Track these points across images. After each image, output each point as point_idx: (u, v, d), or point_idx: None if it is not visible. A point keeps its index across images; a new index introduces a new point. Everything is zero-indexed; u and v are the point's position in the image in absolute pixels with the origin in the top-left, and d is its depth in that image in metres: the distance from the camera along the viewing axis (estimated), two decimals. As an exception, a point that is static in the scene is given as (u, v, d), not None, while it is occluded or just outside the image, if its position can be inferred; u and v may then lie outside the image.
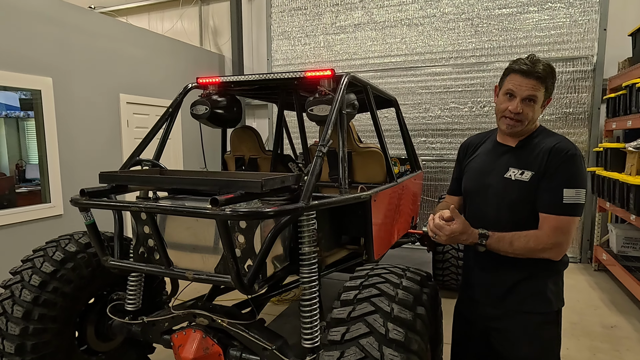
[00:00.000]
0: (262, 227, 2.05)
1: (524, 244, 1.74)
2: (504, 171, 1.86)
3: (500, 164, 1.89)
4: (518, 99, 1.76)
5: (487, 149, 2.01)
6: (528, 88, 1.74)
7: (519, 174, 1.81)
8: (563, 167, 1.72)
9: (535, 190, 1.78)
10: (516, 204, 1.83)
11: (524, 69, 1.74)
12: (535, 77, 1.73)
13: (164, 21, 8.47)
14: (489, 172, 1.92)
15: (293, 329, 3.43)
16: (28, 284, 2.32)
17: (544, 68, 1.74)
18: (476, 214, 1.97)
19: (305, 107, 2.61)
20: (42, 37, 4.65)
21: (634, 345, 3.58)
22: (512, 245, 1.75)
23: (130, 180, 2.32)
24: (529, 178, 1.78)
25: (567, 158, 1.73)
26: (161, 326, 2.46)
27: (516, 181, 1.81)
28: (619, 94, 4.99)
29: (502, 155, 1.91)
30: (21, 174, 5.10)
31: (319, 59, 7.33)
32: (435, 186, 6.76)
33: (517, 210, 1.83)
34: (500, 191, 1.86)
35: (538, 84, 1.74)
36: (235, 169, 3.79)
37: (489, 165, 1.94)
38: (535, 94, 1.75)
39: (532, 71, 1.73)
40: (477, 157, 2.04)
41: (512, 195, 1.82)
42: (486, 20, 6.31)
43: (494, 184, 1.88)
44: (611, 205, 4.85)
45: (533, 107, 1.78)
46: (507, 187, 1.83)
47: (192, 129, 6.44)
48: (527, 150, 1.84)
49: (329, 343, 1.60)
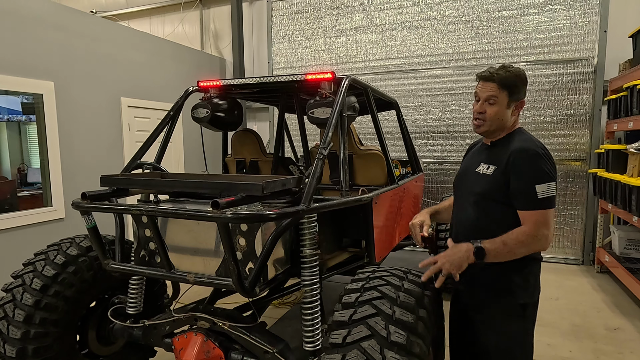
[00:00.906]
0: (263, 230, 2.05)
1: (515, 239, 1.84)
2: (477, 167, 2.06)
3: (476, 161, 2.10)
4: (481, 100, 1.99)
5: (477, 149, 2.21)
6: (487, 90, 1.97)
7: (485, 169, 2.00)
8: (528, 166, 1.87)
9: (495, 182, 1.94)
10: (480, 196, 2.00)
11: (484, 75, 2.00)
12: (493, 80, 1.95)
13: (165, 25, 8.50)
14: (468, 170, 2.12)
15: (294, 332, 3.43)
16: (29, 288, 2.32)
17: (504, 73, 1.95)
18: (456, 209, 2.18)
19: (306, 110, 2.61)
20: (44, 41, 4.67)
21: (637, 347, 3.56)
22: (505, 244, 1.85)
23: (132, 183, 2.33)
24: (492, 172, 1.96)
25: (530, 156, 1.88)
26: (162, 329, 2.45)
27: (482, 175, 2.00)
28: (620, 96, 4.99)
29: (480, 153, 2.12)
30: (23, 177, 5.11)
31: (320, 62, 7.34)
32: (437, 188, 6.75)
33: (484, 203, 1.99)
34: (471, 185, 2.05)
35: (496, 87, 1.95)
36: (236, 172, 3.79)
37: (469, 163, 2.15)
38: (495, 95, 1.95)
39: (490, 77, 1.97)
40: (468, 159, 2.23)
41: (478, 188, 2.01)
42: (486, 22, 6.32)
43: (469, 179, 2.09)
44: (613, 206, 4.84)
45: (495, 108, 1.96)
46: (476, 180, 2.03)
47: (193, 132, 6.45)
48: (498, 148, 2.02)
49: (331, 346, 1.60)
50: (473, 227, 2.00)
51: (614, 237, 5.33)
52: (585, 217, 6.03)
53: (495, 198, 1.95)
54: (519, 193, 1.88)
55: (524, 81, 2.00)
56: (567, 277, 5.47)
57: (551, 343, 3.63)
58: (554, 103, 6.04)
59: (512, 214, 1.93)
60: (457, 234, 2.10)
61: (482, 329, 2.02)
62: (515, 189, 1.88)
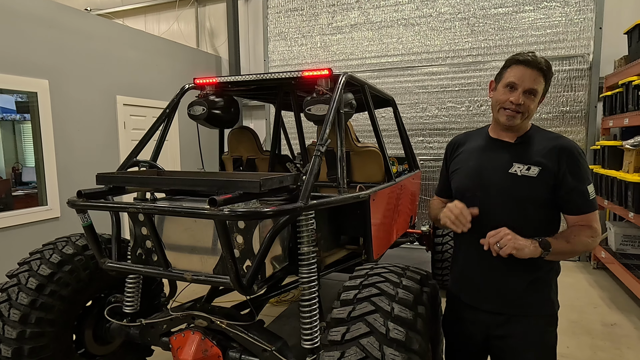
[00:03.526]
0: (261, 228, 2.04)
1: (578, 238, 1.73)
2: (508, 167, 1.81)
3: (501, 160, 1.84)
4: (520, 90, 1.74)
5: (479, 146, 1.95)
6: (530, 80, 1.73)
7: (525, 170, 1.77)
8: (580, 167, 1.74)
9: (542, 185, 1.75)
10: (524, 199, 1.78)
11: (528, 59, 1.72)
12: (538, 68, 1.72)
13: (161, 23, 8.45)
14: (489, 169, 1.86)
15: (293, 330, 3.42)
16: (25, 287, 2.30)
17: (545, 62, 1.74)
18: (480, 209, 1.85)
19: (303, 107, 2.60)
20: (38, 39, 4.63)
21: (634, 343, 3.58)
22: (568, 241, 1.72)
23: (128, 181, 2.31)
24: (537, 174, 1.75)
25: (579, 156, 1.76)
26: (160, 328, 2.44)
27: (523, 177, 1.77)
28: (615, 92, 5.00)
29: (500, 151, 1.86)
30: (18, 177, 5.07)
31: (316, 60, 7.33)
32: (433, 185, 6.75)
33: (524, 207, 1.79)
34: (506, 188, 1.80)
35: (540, 77, 1.73)
36: (233, 170, 3.77)
37: (487, 162, 1.88)
38: (537, 88, 1.74)
39: (535, 62, 1.72)
40: (471, 155, 1.96)
41: (521, 191, 1.78)
42: (482, 19, 6.32)
43: (498, 180, 1.82)
44: (609, 203, 4.85)
45: (534, 100, 1.76)
46: (514, 183, 1.79)
47: (190, 130, 6.40)
48: (530, 146, 1.82)
49: (329, 343, 1.59)
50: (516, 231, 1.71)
51: (610, 233, 5.35)
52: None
53: (542, 202, 1.78)
54: (577, 195, 1.75)
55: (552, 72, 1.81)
56: (564, 273, 5.44)
57: (548, 339, 3.64)
58: (549, 100, 6.06)
59: (551, 217, 1.82)
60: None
61: (512, 347, 1.84)
62: (572, 190, 1.74)
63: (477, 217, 1.80)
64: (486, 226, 1.75)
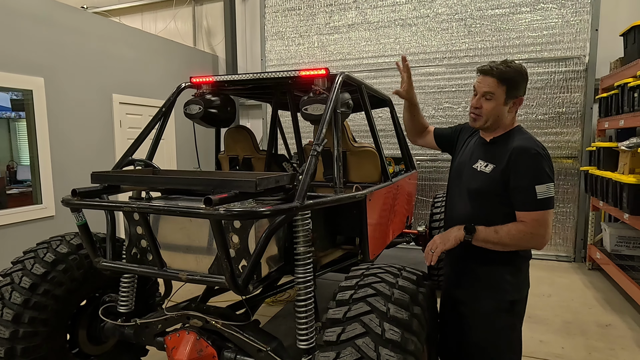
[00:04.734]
0: (257, 227, 2.03)
1: (508, 231, 1.88)
2: (474, 162, 2.05)
3: (473, 156, 2.08)
4: (478, 95, 1.97)
5: (473, 142, 2.18)
6: (485, 85, 1.94)
7: (483, 166, 2.00)
8: (529, 166, 1.87)
9: (493, 181, 1.94)
10: (476, 192, 2.01)
11: (483, 69, 1.96)
12: (492, 75, 1.92)
13: (157, 21, 8.42)
14: (465, 163, 2.11)
15: (288, 330, 3.41)
16: (18, 286, 2.28)
17: (504, 68, 1.91)
18: (451, 200, 2.20)
19: (300, 107, 2.59)
20: (34, 37, 4.61)
21: (629, 343, 3.60)
22: (497, 232, 1.89)
23: (123, 180, 2.30)
24: (490, 170, 1.96)
25: (531, 156, 1.87)
26: (154, 328, 2.43)
27: (480, 172, 2.00)
28: (611, 94, 5.02)
29: (477, 149, 2.10)
30: (12, 175, 5.05)
31: (313, 59, 7.32)
32: (430, 186, 6.77)
33: (476, 198, 2.02)
34: (466, 180, 2.06)
35: (495, 82, 1.92)
36: (229, 169, 3.76)
37: (466, 158, 2.13)
38: (492, 91, 1.92)
39: (489, 71, 1.93)
40: (465, 149, 2.21)
41: (474, 184, 2.01)
42: (479, 20, 6.33)
43: (465, 174, 2.08)
44: (604, 204, 4.87)
45: (492, 104, 1.94)
46: (472, 176, 2.03)
47: (186, 129, 6.39)
48: (497, 146, 2.01)
49: (325, 344, 1.58)
50: (466, 222, 1.99)
51: (605, 234, 5.37)
52: (577, 214, 6.07)
53: (491, 196, 1.96)
54: (519, 193, 1.88)
55: (524, 78, 1.97)
56: (559, 274, 5.50)
57: (543, 340, 3.65)
58: (545, 101, 6.08)
59: (507, 212, 1.94)
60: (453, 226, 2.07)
61: (472, 323, 2.05)
62: (515, 188, 1.89)
63: (449, 205, 2.19)
64: (454, 215, 2.12)
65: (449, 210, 2.21)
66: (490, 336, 2.02)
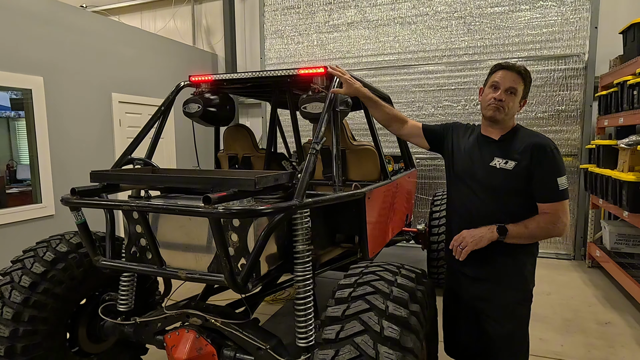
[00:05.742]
0: (256, 226, 2.03)
1: (537, 224, 1.99)
2: (489, 161, 2.10)
3: (485, 154, 2.14)
4: (502, 88, 2.05)
5: (473, 140, 2.24)
6: (510, 80, 2.05)
7: (502, 163, 2.07)
8: (550, 161, 2.00)
9: (516, 177, 2.03)
10: (498, 189, 2.08)
11: (508, 64, 2.08)
12: (517, 71, 2.05)
13: (157, 20, 8.41)
14: (475, 162, 2.16)
15: (287, 329, 3.42)
16: (18, 285, 2.28)
17: (524, 68, 2.07)
18: (462, 199, 2.22)
19: (299, 105, 2.59)
20: (33, 35, 4.60)
21: (628, 341, 3.60)
22: (527, 227, 1.99)
23: (122, 179, 2.30)
24: (512, 167, 2.04)
25: (550, 152, 2.01)
26: (154, 327, 2.43)
27: (500, 169, 2.07)
28: (610, 92, 5.02)
29: (486, 147, 2.16)
30: (12, 174, 5.05)
31: (312, 58, 7.32)
32: (429, 184, 6.77)
33: (499, 196, 2.08)
34: (485, 178, 2.11)
35: (519, 79, 2.05)
36: (228, 168, 3.76)
37: (475, 155, 2.18)
38: (516, 87, 2.05)
39: (513, 67, 2.07)
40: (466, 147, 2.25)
41: (496, 181, 2.08)
42: (478, 18, 6.33)
43: (480, 172, 2.13)
44: (604, 202, 4.87)
45: (513, 99, 2.06)
46: (491, 174, 2.09)
47: (185, 128, 6.39)
48: (508, 143, 2.10)
49: (324, 342, 1.59)
50: (489, 219, 2.06)
51: (604, 232, 5.37)
52: (576, 212, 6.07)
53: (517, 192, 2.05)
54: (543, 186, 2.00)
55: (531, 79, 2.13)
56: (559, 272, 5.51)
57: (543, 337, 3.66)
58: (545, 99, 6.07)
59: (529, 206, 2.04)
60: (470, 223, 2.11)
61: (494, 316, 2.12)
62: (539, 182, 2.01)
63: (461, 202, 2.21)
64: (471, 209, 2.14)
65: (464, 205, 2.20)
66: (514, 326, 2.11)
